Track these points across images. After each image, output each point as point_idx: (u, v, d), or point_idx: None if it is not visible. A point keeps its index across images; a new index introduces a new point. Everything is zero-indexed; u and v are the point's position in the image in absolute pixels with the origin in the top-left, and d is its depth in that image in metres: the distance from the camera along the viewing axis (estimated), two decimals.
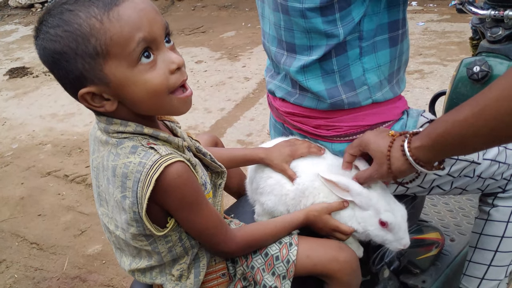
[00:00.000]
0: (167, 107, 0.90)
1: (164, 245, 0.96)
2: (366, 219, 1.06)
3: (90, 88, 0.85)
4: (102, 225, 1.03)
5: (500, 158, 1.28)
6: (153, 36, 0.84)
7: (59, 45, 0.81)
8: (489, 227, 1.36)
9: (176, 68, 0.87)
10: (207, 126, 3.73)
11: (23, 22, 8.03)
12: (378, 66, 1.14)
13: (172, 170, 0.87)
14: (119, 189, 0.89)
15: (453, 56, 4.16)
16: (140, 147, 0.89)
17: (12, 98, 4.95)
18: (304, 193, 1.11)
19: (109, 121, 0.90)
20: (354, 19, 1.06)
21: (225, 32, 5.94)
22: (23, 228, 2.84)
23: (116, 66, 0.83)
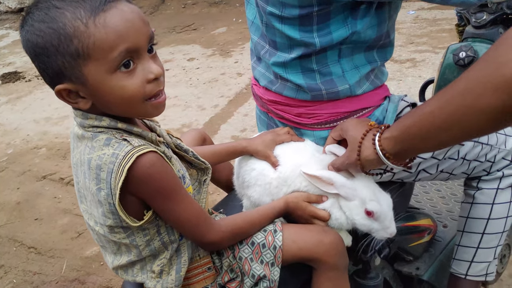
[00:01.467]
0: (140, 112, 0.92)
1: (142, 238, 0.97)
2: (352, 209, 1.07)
3: (66, 85, 0.86)
4: (86, 222, 1.04)
5: (483, 139, 1.29)
6: (136, 46, 0.85)
7: (41, 40, 0.83)
8: (475, 210, 1.38)
9: (153, 78, 0.89)
10: (200, 124, 3.74)
11: (13, 27, 8.00)
12: (356, 67, 1.15)
13: (144, 159, 0.88)
14: (94, 181, 0.89)
15: (445, 44, 4.16)
16: (114, 139, 0.90)
17: (6, 103, 4.95)
18: (286, 182, 1.12)
19: (85, 116, 0.92)
20: (331, 33, 1.07)
21: (216, 29, 5.94)
22: (20, 233, 2.85)
23: (95, 69, 0.84)
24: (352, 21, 1.07)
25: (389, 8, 1.12)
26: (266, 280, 1.04)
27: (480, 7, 1.63)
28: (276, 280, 1.04)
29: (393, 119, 1.20)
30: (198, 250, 1.07)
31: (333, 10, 1.05)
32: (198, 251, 1.07)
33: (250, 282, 1.05)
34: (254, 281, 1.04)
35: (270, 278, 1.04)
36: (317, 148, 1.16)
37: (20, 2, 8.43)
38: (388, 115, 1.19)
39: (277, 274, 1.04)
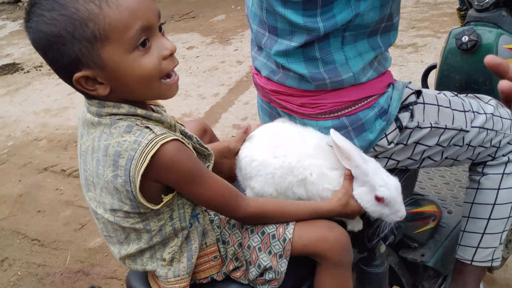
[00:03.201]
0: (155, 92, 0.92)
1: (156, 222, 0.97)
2: (362, 196, 1.06)
3: (85, 72, 0.85)
4: (91, 211, 1.03)
5: (488, 125, 1.28)
6: (150, 23, 0.86)
7: (55, 28, 0.81)
8: (481, 196, 1.37)
9: (169, 54, 0.89)
10: (201, 113, 3.72)
11: (10, 18, 7.94)
12: (359, 54, 1.13)
13: (170, 147, 0.88)
14: (111, 168, 0.89)
15: (446, 28, 4.13)
16: (135, 126, 0.90)
17: (5, 95, 4.92)
18: (292, 172, 1.10)
19: (102, 104, 0.91)
20: (335, 16, 1.04)
21: (215, 16, 5.89)
22: (23, 225, 2.85)
23: (113, 51, 0.84)
24: (356, 2, 1.04)
25: None
26: (272, 271, 1.03)
27: None
28: (282, 272, 1.03)
29: (397, 107, 1.18)
30: (205, 239, 1.06)
31: None
32: (205, 239, 1.06)
33: (256, 271, 1.04)
34: (260, 271, 1.04)
35: (277, 270, 1.03)
36: (320, 136, 1.15)
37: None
38: (393, 103, 1.18)
39: (284, 266, 1.03)
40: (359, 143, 1.18)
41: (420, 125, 1.21)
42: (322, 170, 1.09)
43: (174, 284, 1.02)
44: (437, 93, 1.30)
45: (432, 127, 1.21)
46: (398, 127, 1.18)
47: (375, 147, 1.20)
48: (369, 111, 1.16)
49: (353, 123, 1.17)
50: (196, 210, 1.03)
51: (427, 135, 1.22)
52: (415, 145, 1.23)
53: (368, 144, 1.18)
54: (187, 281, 1.02)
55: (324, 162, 1.09)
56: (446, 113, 1.25)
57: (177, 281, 1.02)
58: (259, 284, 1.06)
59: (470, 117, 1.27)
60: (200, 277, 1.07)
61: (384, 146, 1.19)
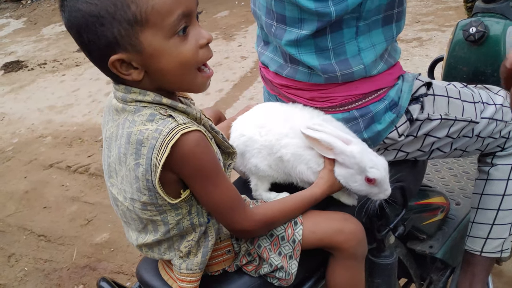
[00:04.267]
0: (190, 83, 0.91)
1: (174, 216, 0.96)
2: (347, 176, 1.06)
3: (121, 55, 0.83)
4: (110, 198, 1.02)
5: (498, 116, 1.27)
6: (190, 10, 0.85)
7: (95, 8, 0.80)
8: (490, 187, 1.36)
9: (206, 43, 0.88)
10: None
11: (14, 16, 7.96)
12: (372, 45, 1.11)
13: (190, 137, 0.86)
14: (133, 156, 0.88)
15: (451, 21, 4.11)
16: (158, 115, 0.88)
17: (9, 93, 4.93)
18: (272, 150, 1.11)
19: (128, 90, 0.90)
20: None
21: (219, 12, 5.88)
22: (29, 221, 2.86)
23: (153, 35, 0.83)
24: None
25: None
26: (283, 271, 1.03)
27: None
28: (293, 273, 1.03)
29: (408, 99, 1.17)
30: (220, 233, 1.05)
31: None
32: (220, 234, 1.05)
33: (268, 269, 1.04)
34: (272, 269, 1.04)
35: (287, 271, 1.03)
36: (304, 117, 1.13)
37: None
38: (403, 96, 1.17)
39: (294, 267, 1.03)
40: (367, 135, 1.17)
41: (430, 117, 1.20)
42: (297, 150, 1.09)
43: (186, 276, 1.01)
44: (446, 84, 1.29)
45: (442, 118, 1.21)
46: (408, 119, 1.18)
47: (385, 139, 1.19)
48: (379, 104, 1.16)
49: (363, 115, 1.16)
50: None
51: (437, 127, 1.21)
52: (424, 137, 1.22)
53: (376, 135, 1.17)
54: (198, 276, 1.02)
55: (299, 141, 1.08)
56: (456, 104, 1.24)
57: (189, 274, 1.01)
58: (270, 278, 1.06)
59: (480, 108, 1.26)
60: (213, 269, 1.06)
61: (394, 139, 1.18)
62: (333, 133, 1.04)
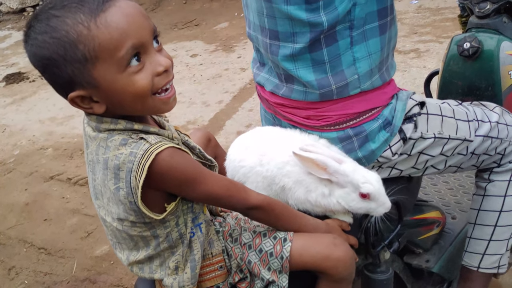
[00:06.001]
0: (150, 107, 0.93)
1: (163, 230, 0.98)
2: (345, 196, 1.08)
3: (79, 92, 0.87)
4: (100, 219, 1.05)
5: (493, 133, 1.28)
6: (142, 41, 0.86)
7: (47, 51, 0.83)
8: (487, 203, 1.38)
9: (163, 70, 0.90)
10: (206, 120, 3.74)
11: (16, 27, 8.00)
12: (369, 54, 1.13)
13: (164, 154, 0.89)
14: (112, 181, 0.91)
15: (449, 33, 4.13)
16: (130, 139, 0.91)
17: (10, 104, 4.96)
18: (274, 180, 1.12)
19: (100, 120, 0.93)
20: (336, 8, 1.05)
21: (218, 24, 5.91)
22: (30, 234, 2.87)
23: (105, 71, 0.85)
24: None
25: None
26: (275, 285, 1.05)
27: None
28: (284, 286, 1.05)
29: (401, 118, 1.19)
30: (211, 248, 1.07)
31: None
32: (211, 249, 1.07)
33: (261, 284, 1.06)
34: (264, 284, 1.05)
35: (279, 284, 1.04)
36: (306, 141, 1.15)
37: (22, 2, 8.43)
38: (397, 115, 1.18)
39: (285, 280, 1.05)
40: (361, 153, 1.19)
41: (424, 135, 1.22)
42: (298, 177, 1.10)
43: None
44: (440, 102, 1.31)
45: (436, 137, 1.22)
46: (402, 138, 1.19)
47: (379, 158, 1.20)
48: (373, 123, 1.17)
49: (358, 134, 1.18)
50: (199, 219, 1.04)
51: (430, 145, 1.23)
52: (418, 155, 1.24)
53: (371, 153, 1.19)
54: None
55: (300, 168, 1.10)
56: (449, 123, 1.25)
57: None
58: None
59: (474, 126, 1.28)
60: (206, 285, 1.08)
61: (388, 157, 1.20)
62: (326, 153, 1.06)
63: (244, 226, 1.14)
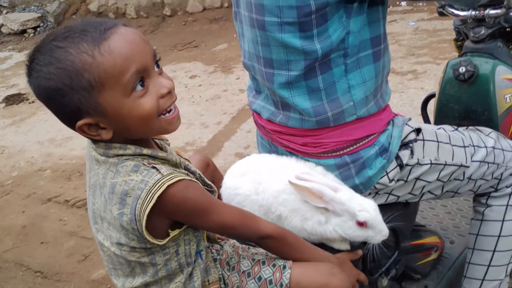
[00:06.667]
0: (156, 129, 0.95)
1: (162, 257, 0.99)
2: (341, 225, 1.08)
3: (86, 120, 0.89)
4: (97, 243, 1.05)
5: (489, 158, 1.29)
6: (145, 65, 0.88)
7: (53, 82, 0.85)
8: (485, 227, 1.37)
9: (166, 92, 0.92)
10: (204, 141, 3.74)
11: (16, 48, 8.07)
12: (363, 81, 1.14)
13: (177, 187, 0.91)
14: (117, 206, 0.91)
15: (446, 54, 4.16)
16: (142, 166, 0.92)
17: (10, 126, 4.97)
18: (270, 209, 1.12)
19: (108, 146, 0.94)
20: (330, 36, 1.07)
21: (217, 45, 5.97)
22: (26, 257, 2.84)
23: (111, 97, 0.87)
24: (346, 20, 1.07)
25: (382, 8, 1.13)
26: None
27: (478, 21, 1.63)
28: None
29: (398, 144, 1.19)
30: (208, 276, 1.07)
31: (329, 11, 1.05)
32: (208, 276, 1.07)
33: None
34: None
35: None
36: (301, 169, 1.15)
37: (23, 24, 8.52)
38: (393, 141, 1.19)
39: None
40: (359, 180, 1.19)
41: (420, 162, 1.22)
42: (294, 205, 1.11)
43: None
44: (436, 128, 1.32)
45: (432, 163, 1.23)
46: (398, 165, 1.20)
47: (376, 184, 1.21)
48: (370, 149, 1.18)
49: (355, 160, 1.18)
50: (200, 246, 1.04)
51: (427, 171, 1.23)
52: (415, 181, 1.24)
53: (368, 180, 1.19)
54: None
55: (296, 196, 1.10)
56: (445, 149, 1.26)
57: None
58: None
59: (470, 152, 1.28)
60: None
61: (385, 184, 1.20)
62: (321, 181, 1.06)
63: (243, 254, 1.14)
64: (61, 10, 8.40)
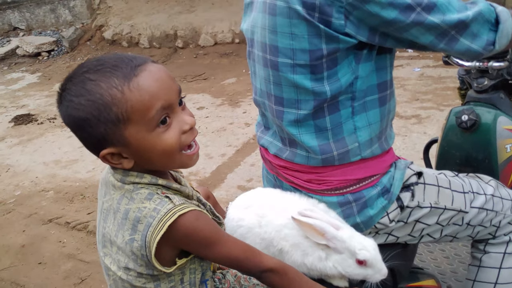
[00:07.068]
0: (177, 163, 0.99)
1: (167, 284, 1.01)
2: (341, 262, 1.10)
3: (110, 150, 0.94)
4: (103, 267, 1.07)
5: (488, 206, 1.31)
6: (169, 102, 0.93)
7: (82, 112, 0.90)
8: (482, 274, 1.39)
9: (189, 129, 0.96)
10: (208, 172, 3.78)
11: (29, 70, 8.23)
12: (369, 124, 1.19)
13: (188, 217, 0.94)
14: (128, 231, 0.95)
15: (449, 101, 4.24)
16: (156, 195, 0.96)
17: (17, 145, 5.03)
18: (272, 243, 1.15)
19: (126, 173, 0.99)
20: (339, 79, 1.12)
21: (226, 79, 6.08)
22: (23, 277, 2.84)
23: (136, 131, 0.91)
24: (355, 65, 1.13)
25: (390, 55, 1.18)
26: None
27: (481, 72, 1.69)
28: None
29: (399, 186, 1.23)
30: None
31: (339, 56, 1.10)
32: None
33: None
34: None
35: None
36: (302, 206, 1.17)
37: (38, 47, 8.72)
38: (395, 183, 1.23)
39: None
40: (360, 219, 1.22)
41: (420, 204, 1.25)
42: (295, 240, 1.13)
43: None
44: (437, 173, 1.36)
45: (432, 207, 1.26)
46: (399, 206, 1.23)
47: (377, 224, 1.24)
48: (372, 190, 1.22)
49: (357, 199, 1.22)
50: (206, 276, 1.07)
51: (426, 214, 1.26)
52: (415, 223, 1.27)
53: (369, 219, 1.22)
54: None
55: (298, 231, 1.12)
56: (445, 194, 1.29)
57: None
58: None
59: (469, 198, 1.31)
60: None
61: (385, 224, 1.24)
62: (324, 218, 1.09)
63: (244, 284, 1.16)
64: (76, 36, 8.61)
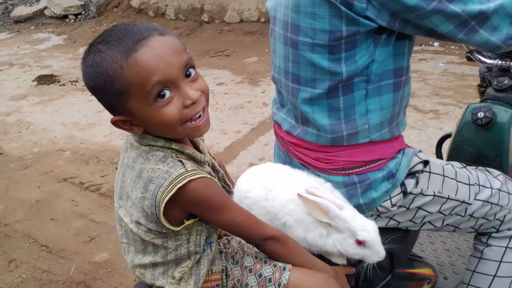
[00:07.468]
0: (181, 133, 1.03)
1: (174, 242, 1.07)
2: (341, 241, 1.13)
3: (119, 117, 1.01)
4: (116, 217, 1.14)
5: (493, 199, 1.33)
6: (169, 77, 0.96)
7: (92, 82, 0.98)
8: (482, 266, 1.41)
9: (190, 104, 0.99)
10: (221, 147, 3.83)
11: (55, 32, 8.33)
12: (381, 108, 1.21)
13: (199, 183, 1.00)
14: (140, 190, 1.01)
15: (470, 99, 4.20)
16: (170, 158, 1.02)
17: (38, 104, 5.14)
18: (277, 216, 1.19)
19: (143, 136, 1.05)
20: (357, 61, 1.14)
21: (248, 57, 6.09)
22: (35, 230, 2.95)
23: (136, 103, 0.97)
24: (373, 49, 1.14)
25: (408, 42, 1.20)
26: None
27: (503, 71, 1.69)
28: None
29: (405, 173, 1.25)
30: (212, 266, 1.14)
31: (359, 38, 1.12)
32: (212, 266, 1.14)
33: None
34: None
35: None
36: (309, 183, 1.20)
37: (65, 10, 8.79)
38: (401, 169, 1.25)
39: None
40: (363, 200, 1.25)
41: (424, 192, 1.28)
42: (299, 216, 1.16)
43: None
44: (445, 163, 1.37)
45: (435, 195, 1.28)
46: (402, 191, 1.26)
47: (379, 207, 1.27)
48: (378, 173, 1.24)
49: (362, 181, 1.24)
50: (211, 238, 1.12)
51: (429, 202, 1.29)
52: (417, 210, 1.30)
53: (371, 201, 1.25)
54: None
55: (302, 207, 1.15)
56: (450, 184, 1.31)
57: None
58: None
59: (474, 191, 1.33)
60: None
61: (387, 208, 1.26)
62: (329, 198, 1.12)
63: (247, 251, 1.21)
64: (104, 2, 8.66)
